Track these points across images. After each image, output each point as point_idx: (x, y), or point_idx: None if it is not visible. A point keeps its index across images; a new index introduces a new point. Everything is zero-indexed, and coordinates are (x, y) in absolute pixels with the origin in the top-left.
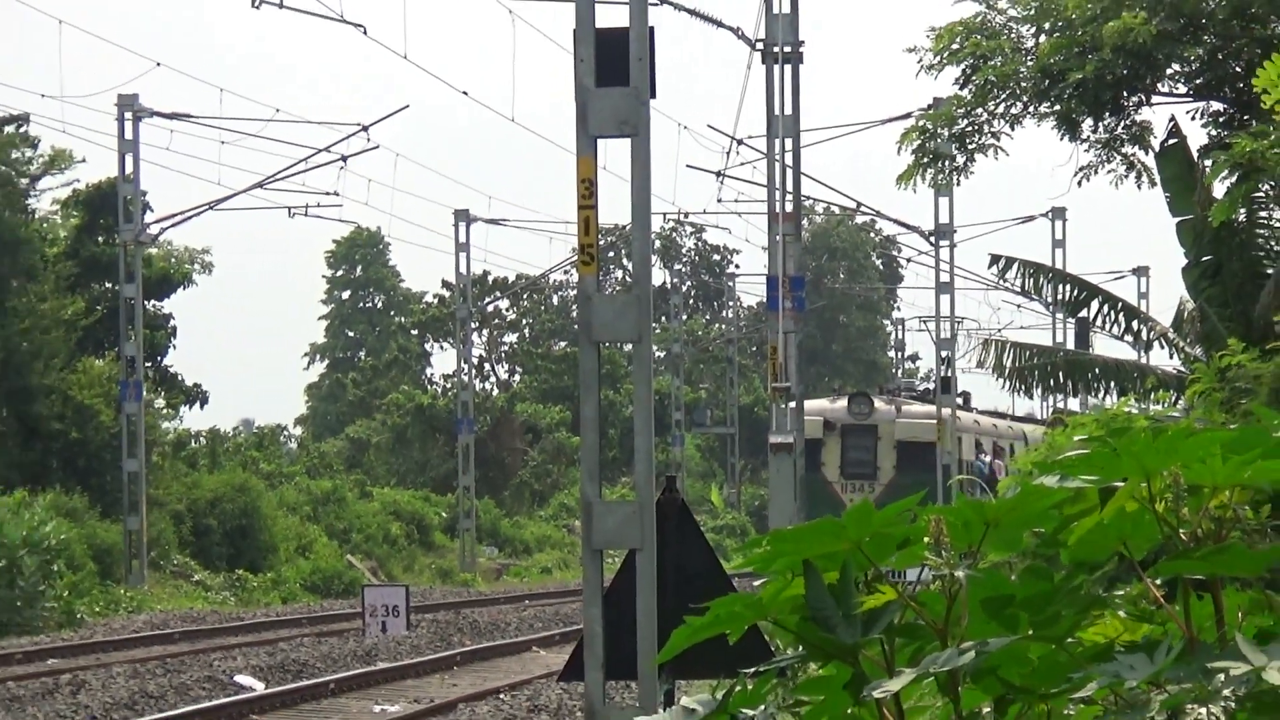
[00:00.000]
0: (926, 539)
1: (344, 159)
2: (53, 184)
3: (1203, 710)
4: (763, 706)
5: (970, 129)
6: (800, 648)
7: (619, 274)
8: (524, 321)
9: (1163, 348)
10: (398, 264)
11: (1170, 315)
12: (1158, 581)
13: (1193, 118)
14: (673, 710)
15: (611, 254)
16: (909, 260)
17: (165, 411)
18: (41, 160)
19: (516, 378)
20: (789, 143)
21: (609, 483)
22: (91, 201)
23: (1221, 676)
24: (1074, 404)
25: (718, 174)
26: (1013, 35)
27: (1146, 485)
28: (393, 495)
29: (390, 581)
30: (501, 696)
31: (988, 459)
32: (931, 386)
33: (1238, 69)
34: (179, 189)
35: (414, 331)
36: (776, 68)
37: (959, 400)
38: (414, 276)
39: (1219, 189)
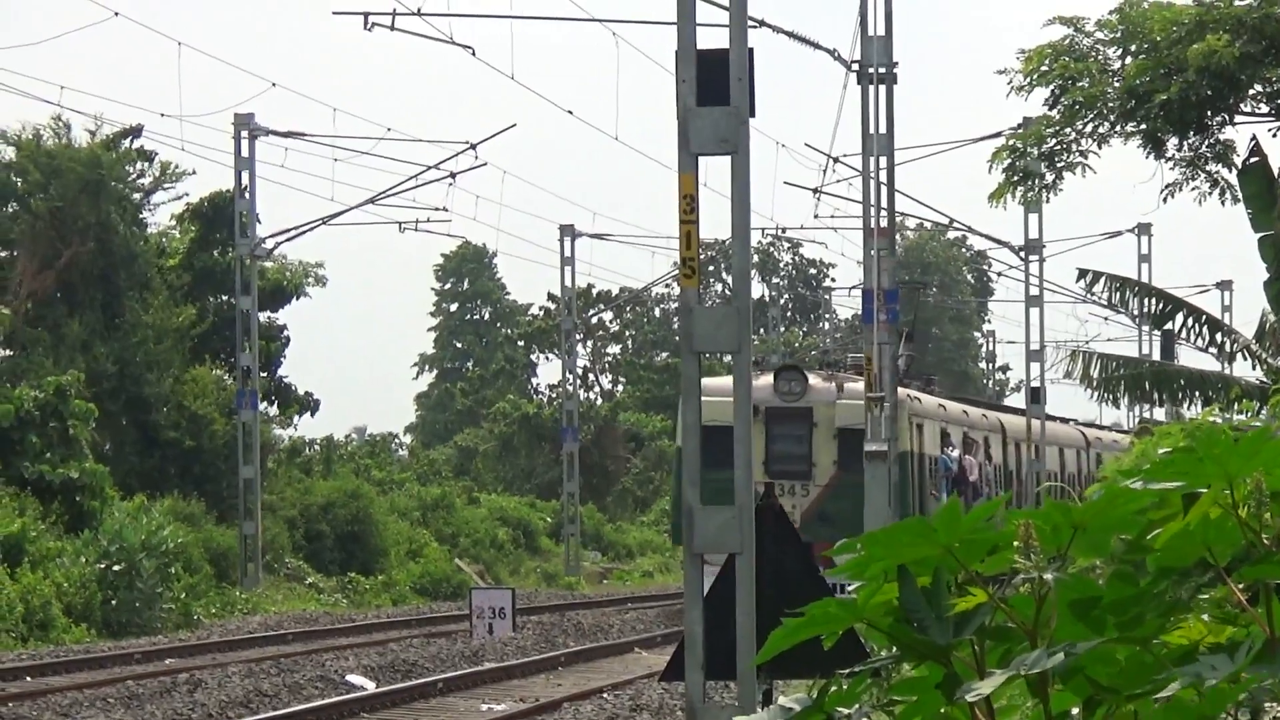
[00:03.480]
0: (1016, 543)
1: (453, 176)
2: (165, 198)
3: None
4: (857, 706)
5: (1059, 148)
6: (894, 649)
7: (719, 287)
8: (627, 333)
9: (1246, 359)
10: (504, 277)
11: (1253, 328)
12: (1241, 585)
13: (1274, 136)
14: (770, 709)
15: (712, 268)
16: (999, 274)
17: (279, 420)
18: (153, 175)
19: (620, 388)
20: (884, 160)
21: None
22: (205, 215)
23: None
24: (1159, 414)
25: (814, 191)
26: (1100, 58)
27: (1229, 491)
28: (500, 501)
29: (497, 584)
30: (605, 696)
31: (955, 453)
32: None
33: None
34: (294, 205)
35: (520, 343)
36: (872, 88)
37: (919, 383)
38: (520, 290)
39: None
